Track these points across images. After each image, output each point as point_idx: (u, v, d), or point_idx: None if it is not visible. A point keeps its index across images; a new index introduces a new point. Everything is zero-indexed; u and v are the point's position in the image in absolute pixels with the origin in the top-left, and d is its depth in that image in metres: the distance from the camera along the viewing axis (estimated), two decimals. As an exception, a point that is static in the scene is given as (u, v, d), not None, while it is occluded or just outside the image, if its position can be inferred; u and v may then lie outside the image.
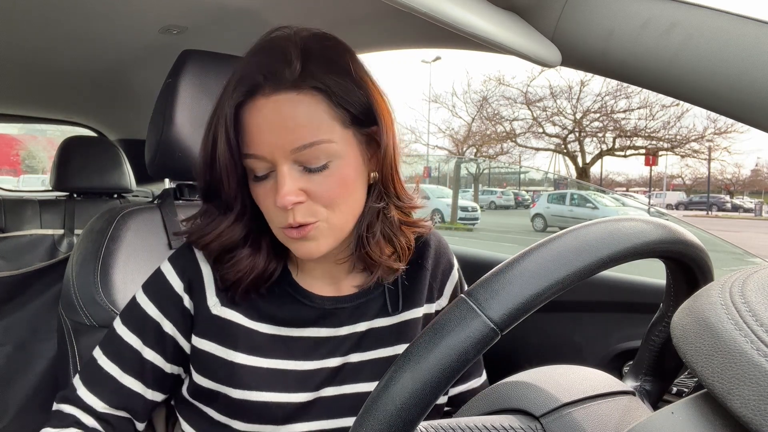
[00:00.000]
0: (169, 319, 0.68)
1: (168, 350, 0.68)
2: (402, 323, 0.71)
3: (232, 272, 0.65)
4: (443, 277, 0.77)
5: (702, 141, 18.73)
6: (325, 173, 0.59)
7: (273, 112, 0.57)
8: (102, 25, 1.26)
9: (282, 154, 0.57)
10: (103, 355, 0.68)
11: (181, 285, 0.68)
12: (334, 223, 0.61)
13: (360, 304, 0.70)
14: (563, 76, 18.88)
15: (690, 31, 0.62)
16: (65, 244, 1.87)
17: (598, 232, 0.37)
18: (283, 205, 0.57)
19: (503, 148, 20.79)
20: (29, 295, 1.38)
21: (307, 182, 0.59)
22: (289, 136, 0.57)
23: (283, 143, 0.57)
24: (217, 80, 0.92)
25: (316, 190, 0.59)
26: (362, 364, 0.69)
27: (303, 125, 0.57)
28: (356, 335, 0.69)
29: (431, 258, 0.75)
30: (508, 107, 19.22)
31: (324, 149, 0.58)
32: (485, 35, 0.69)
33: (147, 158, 0.94)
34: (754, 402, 0.27)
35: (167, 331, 0.68)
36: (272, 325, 0.67)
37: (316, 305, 0.69)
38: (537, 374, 0.46)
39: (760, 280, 0.33)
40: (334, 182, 0.59)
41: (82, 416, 0.66)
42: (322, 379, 0.67)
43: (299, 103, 0.57)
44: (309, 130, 0.57)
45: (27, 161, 16.66)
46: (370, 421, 0.33)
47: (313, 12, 1.10)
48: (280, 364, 0.66)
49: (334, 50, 0.61)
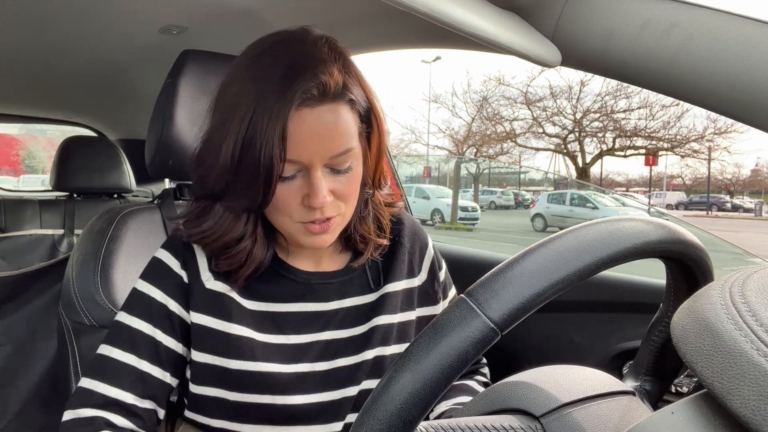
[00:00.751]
0: (173, 299, 0.69)
1: (177, 330, 0.69)
2: (382, 296, 0.75)
3: (228, 263, 0.67)
4: (421, 252, 0.82)
5: (702, 141, 18.74)
6: (348, 174, 0.65)
7: (317, 122, 0.60)
8: (102, 25, 1.26)
9: (319, 160, 0.62)
10: (114, 348, 0.68)
11: (177, 263, 0.70)
12: (346, 215, 0.68)
13: (344, 280, 0.75)
14: (563, 76, 18.90)
15: (690, 31, 0.62)
16: (65, 244, 1.87)
17: (598, 232, 0.37)
18: (321, 206, 0.62)
19: (503, 148, 20.81)
20: (29, 295, 1.38)
21: (333, 182, 0.64)
22: (328, 145, 0.61)
23: (323, 151, 0.61)
24: (217, 80, 0.91)
25: (341, 190, 0.65)
26: (352, 339, 0.73)
27: (341, 134, 0.62)
28: (344, 310, 0.73)
29: (407, 235, 0.81)
30: (508, 107, 19.25)
31: (352, 154, 0.64)
32: (485, 35, 0.69)
33: (147, 158, 0.94)
34: (754, 402, 0.27)
35: (174, 311, 0.69)
36: (260, 302, 0.70)
37: (302, 280, 0.72)
38: (537, 374, 0.46)
39: (760, 280, 0.33)
40: (353, 181, 0.66)
41: (110, 416, 0.65)
42: (316, 353, 0.70)
43: (338, 115, 0.62)
44: (345, 139, 0.62)
45: (27, 161, 16.67)
46: (370, 421, 0.33)
47: (313, 12, 1.10)
48: (273, 338, 0.69)
49: (348, 58, 0.65)
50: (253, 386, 0.67)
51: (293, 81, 0.59)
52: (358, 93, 0.64)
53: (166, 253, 0.71)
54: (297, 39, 0.63)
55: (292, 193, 0.63)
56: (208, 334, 0.68)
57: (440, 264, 0.84)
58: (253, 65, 0.63)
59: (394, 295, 0.76)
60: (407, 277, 0.79)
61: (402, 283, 0.78)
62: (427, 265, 0.82)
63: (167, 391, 0.70)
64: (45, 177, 10.35)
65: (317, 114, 0.60)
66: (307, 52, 0.62)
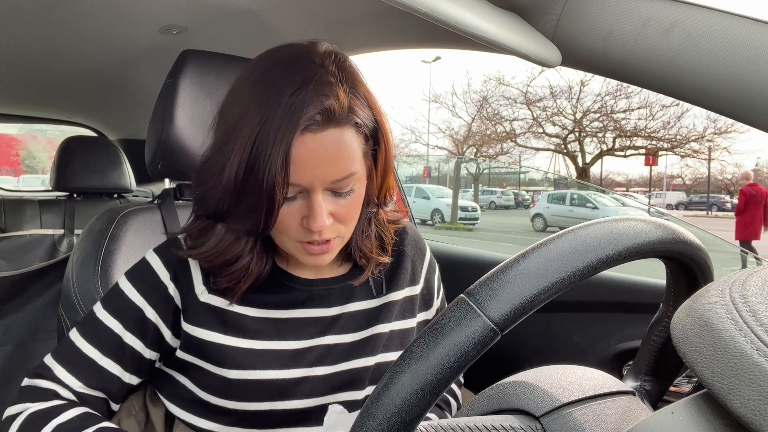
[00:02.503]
0: (152, 306, 0.69)
1: (148, 336, 0.69)
2: (384, 304, 0.75)
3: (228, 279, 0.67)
4: (421, 260, 0.82)
5: (702, 141, 18.72)
6: (349, 197, 0.64)
7: (319, 146, 0.59)
8: (102, 25, 1.26)
9: (320, 184, 0.61)
10: (81, 338, 0.70)
11: (167, 274, 0.69)
12: (345, 236, 0.67)
13: (347, 285, 0.74)
14: (563, 76, 18.89)
15: (690, 31, 0.62)
16: (65, 244, 1.87)
17: (598, 232, 0.37)
18: (320, 229, 0.61)
19: (503, 148, 20.79)
20: (29, 295, 1.38)
21: (333, 205, 0.63)
22: (330, 170, 0.60)
23: (325, 176, 0.60)
24: (217, 80, 0.92)
25: (341, 213, 0.64)
26: (353, 344, 0.72)
27: (343, 159, 0.61)
28: (346, 315, 0.73)
29: (410, 244, 0.81)
30: (508, 107, 19.24)
31: (354, 178, 0.63)
32: (485, 35, 0.69)
33: (147, 158, 0.94)
34: (754, 402, 0.27)
35: (149, 317, 0.69)
36: (260, 309, 0.70)
37: (304, 288, 0.72)
38: (537, 374, 0.46)
39: (760, 280, 0.33)
40: (354, 203, 0.65)
41: (60, 390, 0.68)
42: (315, 357, 0.70)
43: (342, 139, 0.60)
44: (348, 163, 0.61)
45: (27, 161, 16.68)
46: (370, 421, 0.33)
47: (313, 12, 1.10)
48: (271, 345, 0.69)
49: (357, 76, 0.63)
50: (252, 394, 0.67)
51: (298, 106, 0.58)
52: (365, 115, 0.62)
53: (158, 261, 0.70)
54: (303, 57, 0.61)
55: (291, 215, 0.62)
56: (203, 346, 0.68)
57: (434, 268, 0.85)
58: (258, 85, 0.61)
59: (396, 302, 0.76)
60: (409, 285, 0.79)
61: (404, 291, 0.78)
62: (425, 271, 0.82)
63: (124, 388, 0.71)
64: (45, 177, 10.35)
65: (320, 138, 0.59)
66: (314, 73, 0.59)
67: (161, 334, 0.70)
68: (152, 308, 0.69)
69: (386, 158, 0.67)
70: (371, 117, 0.63)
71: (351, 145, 0.61)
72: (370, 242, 0.73)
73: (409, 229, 0.83)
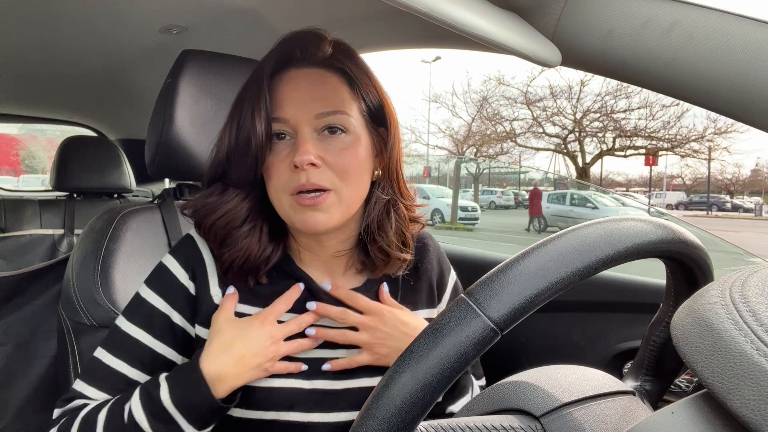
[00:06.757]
0: (177, 311, 0.68)
1: (179, 341, 0.68)
2: None
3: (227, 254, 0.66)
4: (443, 281, 0.79)
5: (702, 141, 18.73)
6: (340, 143, 0.64)
7: (303, 80, 0.64)
8: (102, 25, 1.26)
9: (305, 119, 0.63)
10: (108, 354, 0.68)
11: (185, 274, 0.69)
12: (343, 195, 0.64)
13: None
14: (563, 76, 18.90)
15: (690, 31, 0.62)
16: (65, 244, 1.87)
17: (598, 232, 0.37)
18: (302, 163, 0.61)
19: (503, 148, 20.80)
20: (29, 295, 1.38)
21: (324, 150, 0.63)
22: (314, 104, 0.63)
23: (309, 108, 0.63)
24: (217, 80, 0.92)
25: (331, 159, 0.63)
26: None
27: (328, 96, 0.64)
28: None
29: (431, 261, 0.78)
30: (508, 107, 19.24)
31: (343, 119, 0.64)
32: (485, 35, 0.69)
33: (147, 158, 0.94)
34: (754, 402, 0.27)
35: (177, 323, 0.68)
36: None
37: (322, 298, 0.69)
38: (537, 374, 0.46)
39: (760, 280, 0.33)
40: (347, 154, 0.64)
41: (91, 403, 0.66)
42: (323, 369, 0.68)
43: (326, 79, 0.65)
44: (332, 101, 0.64)
45: (27, 161, 16.67)
46: (370, 421, 0.33)
47: (313, 12, 1.10)
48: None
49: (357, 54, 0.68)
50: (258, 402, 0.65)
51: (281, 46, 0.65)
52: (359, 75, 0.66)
53: (175, 263, 0.70)
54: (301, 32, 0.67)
55: (282, 159, 0.64)
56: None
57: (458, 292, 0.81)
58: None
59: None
60: (427, 307, 0.76)
61: (423, 312, 0.75)
62: (449, 293, 0.79)
63: None
64: (45, 177, 10.35)
65: (304, 74, 0.65)
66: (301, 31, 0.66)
67: (191, 338, 0.69)
68: (178, 313, 0.68)
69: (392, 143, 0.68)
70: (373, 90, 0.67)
71: (335, 87, 0.65)
72: (388, 235, 0.68)
73: (431, 246, 0.80)
